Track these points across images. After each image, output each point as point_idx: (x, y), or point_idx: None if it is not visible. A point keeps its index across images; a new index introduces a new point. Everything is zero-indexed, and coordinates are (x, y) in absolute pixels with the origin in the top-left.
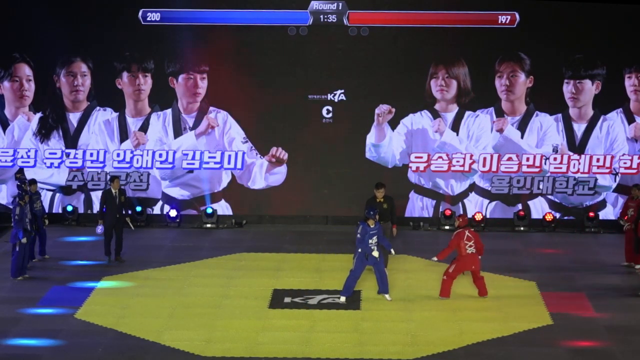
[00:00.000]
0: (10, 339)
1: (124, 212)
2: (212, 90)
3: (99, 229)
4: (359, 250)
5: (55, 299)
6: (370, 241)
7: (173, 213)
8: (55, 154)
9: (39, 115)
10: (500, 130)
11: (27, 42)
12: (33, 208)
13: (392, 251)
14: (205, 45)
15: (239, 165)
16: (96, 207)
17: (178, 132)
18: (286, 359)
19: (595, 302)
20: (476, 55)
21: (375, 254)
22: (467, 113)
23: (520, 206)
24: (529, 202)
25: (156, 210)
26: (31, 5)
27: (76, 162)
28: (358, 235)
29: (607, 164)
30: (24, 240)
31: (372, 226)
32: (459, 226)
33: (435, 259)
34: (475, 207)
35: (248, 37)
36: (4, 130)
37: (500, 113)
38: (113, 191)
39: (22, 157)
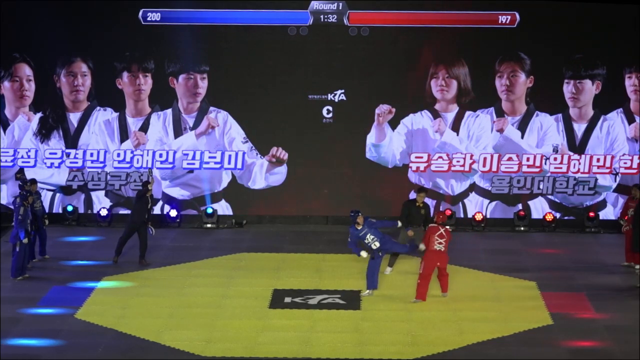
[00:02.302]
0: (10, 339)
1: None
2: (213, 90)
3: (150, 230)
4: (361, 252)
5: (55, 299)
6: (367, 241)
7: (173, 213)
8: (55, 154)
9: (39, 115)
10: (501, 130)
11: (27, 42)
12: (33, 208)
13: (399, 224)
14: (205, 45)
15: (239, 165)
16: (96, 207)
17: (178, 132)
18: (286, 359)
19: (596, 302)
20: (476, 55)
21: (374, 247)
22: (468, 113)
23: (520, 206)
24: (529, 202)
25: (156, 210)
26: (31, 5)
27: (76, 162)
28: (349, 239)
29: (607, 164)
30: (25, 240)
31: (359, 228)
32: (436, 222)
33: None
34: (476, 207)
35: (248, 37)
36: (4, 130)
37: (500, 113)
38: (147, 195)
39: (22, 157)
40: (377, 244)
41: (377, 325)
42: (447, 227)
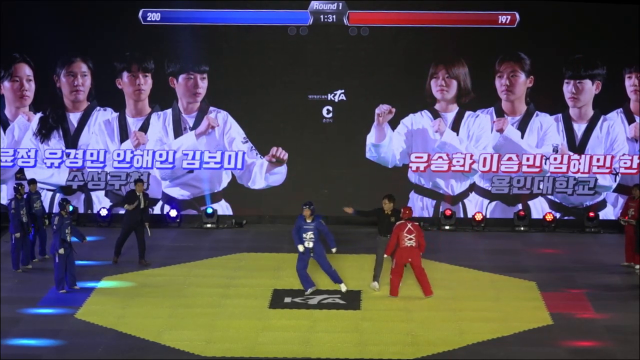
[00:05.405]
0: (10, 339)
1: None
2: (212, 90)
3: (147, 231)
4: (299, 245)
5: (55, 299)
6: (304, 235)
7: (173, 213)
8: (55, 154)
9: (39, 115)
10: (501, 130)
11: (27, 42)
12: (33, 208)
13: (334, 250)
14: (205, 45)
15: (239, 165)
16: (96, 207)
17: (178, 132)
18: (286, 359)
19: (595, 302)
20: (476, 55)
21: (306, 245)
22: (467, 113)
23: (520, 206)
24: (529, 202)
25: (156, 210)
26: (31, 5)
27: (76, 162)
28: (295, 226)
29: (607, 164)
30: (61, 251)
31: (308, 221)
32: (402, 218)
33: (386, 255)
34: (476, 207)
35: (248, 37)
36: (4, 130)
37: (500, 113)
38: (137, 193)
39: (22, 157)
40: (311, 245)
41: (377, 325)
42: (417, 223)
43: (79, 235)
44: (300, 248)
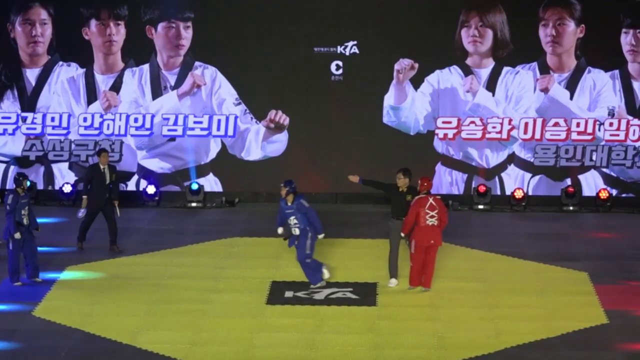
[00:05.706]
0: None
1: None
2: (198, 41)
3: (80, 212)
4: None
5: (9, 293)
6: (288, 221)
7: (151, 189)
8: (9, 118)
9: None
10: (545, 90)
11: None
12: None
13: (320, 236)
14: None
15: (230, 132)
16: (58, 183)
17: (157, 92)
18: None
19: None
20: None
21: (293, 232)
22: (505, 69)
23: (569, 181)
24: (580, 177)
25: (131, 186)
26: None
27: (34, 129)
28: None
29: None
30: (17, 235)
31: (288, 204)
32: (421, 191)
33: (402, 234)
34: (515, 182)
35: None
36: None
37: (545, 69)
38: (101, 167)
39: None
40: (297, 232)
41: (397, 325)
42: (437, 196)
43: (32, 221)
44: (279, 230)
